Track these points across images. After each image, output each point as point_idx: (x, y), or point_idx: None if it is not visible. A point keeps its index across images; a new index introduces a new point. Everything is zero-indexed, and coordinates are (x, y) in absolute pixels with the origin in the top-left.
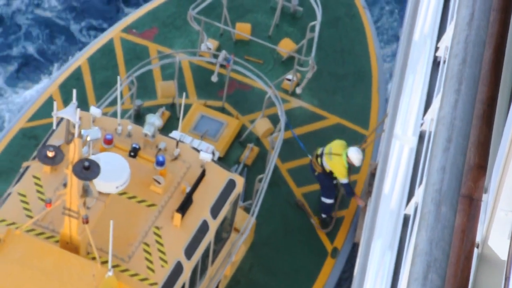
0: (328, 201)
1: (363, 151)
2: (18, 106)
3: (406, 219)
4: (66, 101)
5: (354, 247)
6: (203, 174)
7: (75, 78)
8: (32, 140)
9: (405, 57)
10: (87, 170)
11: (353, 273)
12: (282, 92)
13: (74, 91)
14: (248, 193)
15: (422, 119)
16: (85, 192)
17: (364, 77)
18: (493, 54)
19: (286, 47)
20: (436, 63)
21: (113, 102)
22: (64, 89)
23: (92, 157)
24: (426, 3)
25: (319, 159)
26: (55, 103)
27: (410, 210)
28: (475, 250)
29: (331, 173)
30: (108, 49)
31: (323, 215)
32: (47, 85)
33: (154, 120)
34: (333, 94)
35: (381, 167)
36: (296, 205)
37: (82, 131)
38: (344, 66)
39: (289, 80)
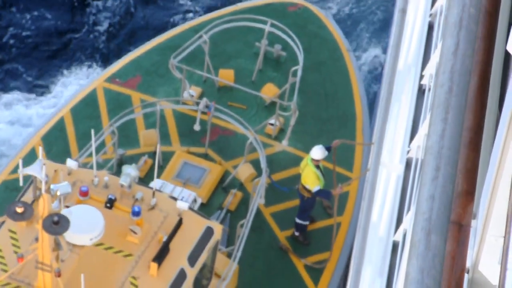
0: (300, 221)
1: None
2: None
3: (395, 245)
4: (48, 153)
5: None
6: (180, 223)
7: (58, 129)
8: (15, 193)
9: (390, 86)
10: (57, 224)
11: None
12: (265, 137)
13: (41, 148)
14: (231, 239)
15: (409, 146)
16: (57, 245)
17: (348, 120)
18: (479, 81)
19: (269, 92)
20: (421, 90)
21: (96, 152)
22: (47, 141)
23: (64, 211)
24: (409, 31)
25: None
26: (20, 161)
27: (399, 237)
28: (466, 275)
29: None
30: (91, 99)
31: (296, 233)
32: (30, 136)
33: (130, 171)
34: (317, 138)
35: (368, 195)
36: (280, 249)
37: (52, 186)
38: (328, 110)
39: (272, 125)
